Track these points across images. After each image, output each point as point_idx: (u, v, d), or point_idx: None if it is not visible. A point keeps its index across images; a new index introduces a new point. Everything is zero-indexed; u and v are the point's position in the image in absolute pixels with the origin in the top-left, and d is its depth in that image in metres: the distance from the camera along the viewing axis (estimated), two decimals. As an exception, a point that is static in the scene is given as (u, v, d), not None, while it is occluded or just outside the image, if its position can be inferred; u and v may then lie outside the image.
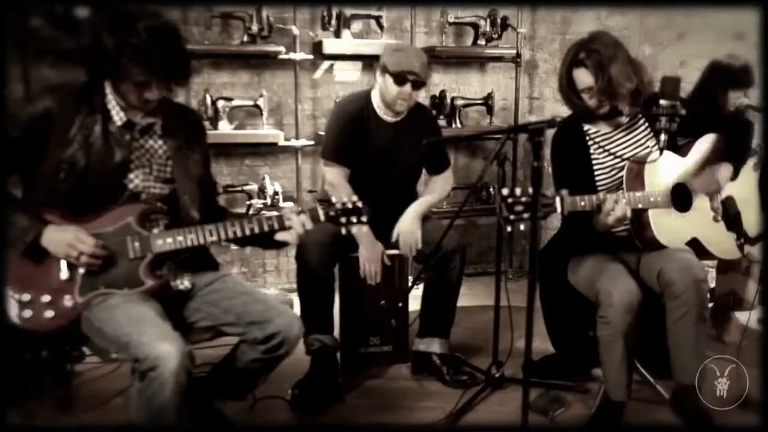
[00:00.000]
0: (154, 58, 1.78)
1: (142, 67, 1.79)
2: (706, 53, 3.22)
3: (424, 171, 3.05)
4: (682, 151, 2.37)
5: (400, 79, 2.64)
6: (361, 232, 2.63)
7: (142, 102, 1.88)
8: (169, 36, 1.83)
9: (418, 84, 2.68)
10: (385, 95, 2.72)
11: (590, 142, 2.38)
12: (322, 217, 2.01)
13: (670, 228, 2.28)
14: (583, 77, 2.28)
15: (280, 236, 2.00)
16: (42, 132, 1.85)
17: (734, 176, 2.40)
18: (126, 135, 1.93)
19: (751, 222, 2.45)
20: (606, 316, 2.22)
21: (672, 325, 2.25)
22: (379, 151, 2.78)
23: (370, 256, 2.69)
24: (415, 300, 2.88)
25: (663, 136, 2.15)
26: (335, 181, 2.75)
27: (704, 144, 2.39)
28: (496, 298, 2.58)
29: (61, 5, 3.26)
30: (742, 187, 2.46)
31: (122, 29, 1.77)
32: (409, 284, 2.92)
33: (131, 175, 1.94)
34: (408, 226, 2.75)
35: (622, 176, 2.32)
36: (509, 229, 1.92)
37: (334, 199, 2.04)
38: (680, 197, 2.31)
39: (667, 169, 2.31)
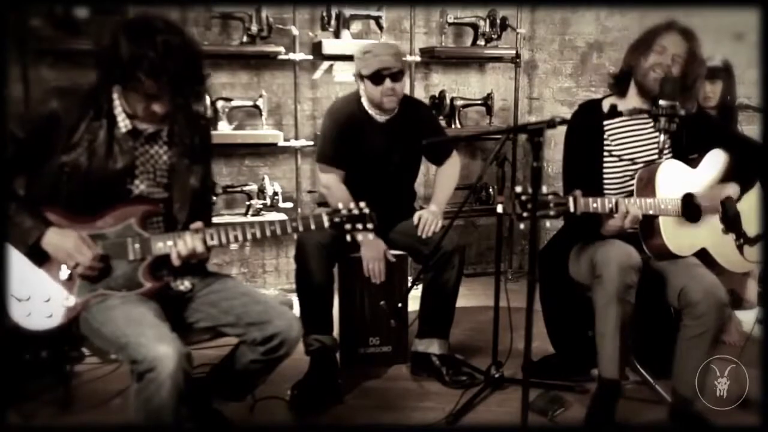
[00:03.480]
0: (167, 74, 1.77)
1: (154, 80, 1.77)
2: (705, 53, 3.21)
3: (420, 171, 3.05)
4: (692, 163, 2.37)
5: (376, 78, 2.67)
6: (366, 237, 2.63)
7: (149, 114, 1.87)
8: (187, 55, 1.81)
9: (396, 75, 2.69)
10: (370, 98, 2.74)
11: (607, 130, 2.38)
12: (326, 224, 1.99)
13: (680, 236, 2.27)
14: (677, 43, 2.29)
15: None
16: (48, 134, 1.85)
17: (739, 197, 2.39)
18: (130, 142, 1.92)
19: (749, 219, 2.45)
20: (601, 275, 2.19)
21: (684, 342, 2.24)
22: (374, 151, 2.78)
23: (373, 254, 2.69)
24: (414, 300, 2.88)
25: (662, 137, 2.15)
26: (330, 183, 2.76)
27: (715, 159, 2.38)
28: (496, 298, 2.57)
29: (61, 5, 3.26)
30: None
31: (142, 39, 1.75)
32: (409, 285, 2.92)
33: (136, 181, 1.94)
34: (434, 210, 2.81)
35: (628, 170, 2.32)
36: (522, 226, 1.92)
37: (340, 205, 2.01)
38: (689, 208, 2.30)
39: (677, 178, 2.30)
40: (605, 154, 2.38)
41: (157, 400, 1.69)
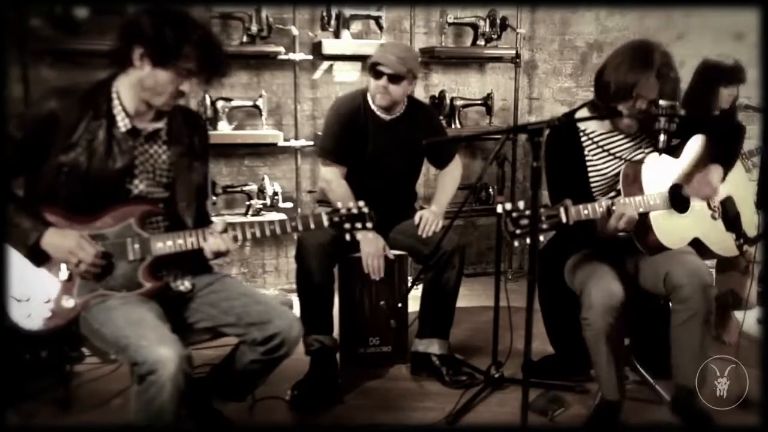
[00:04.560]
0: (211, 50, 1.87)
1: (201, 55, 1.84)
2: (705, 54, 3.22)
3: (422, 172, 3.05)
4: (675, 153, 2.38)
5: (375, 71, 2.69)
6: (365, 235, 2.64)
7: (175, 96, 1.89)
8: (215, 36, 1.96)
9: (394, 78, 2.68)
10: (370, 91, 2.76)
11: (587, 142, 2.38)
12: (326, 223, 2.00)
13: (672, 230, 2.28)
14: (652, 88, 2.20)
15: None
16: (47, 134, 1.84)
17: (722, 177, 2.39)
18: (129, 141, 1.93)
19: (748, 219, 2.46)
20: (587, 318, 2.23)
21: (676, 328, 2.24)
22: (376, 149, 2.78)
23: (372, 250, 2.69)
24: (414, 300, 2.88)
25: (662, 137, 2.14)
26: (331, 178, 2.77)
27: (694, 145, 2.39)
28: (496, 298, 2.58)
29: (61, 5, 3.26)
30: (737, 185, 2.47)
31: (185, 23, 1.83)
32: (409, 285, 2.92)
33: (136, 181, 1.94)
34: (435, 210, 2.82)
35: (615, 178, 2.32)
36: (516, 244, 1.92)
37: (339, 205, 2.03)
38: (677, 198, 2.31)
39: (662, 171, 2.31)
40: (596, 150, 2.38)
41: (158, 403, 1.69)
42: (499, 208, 2.46)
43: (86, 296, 1.86)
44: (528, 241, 1.89)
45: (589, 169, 2.36)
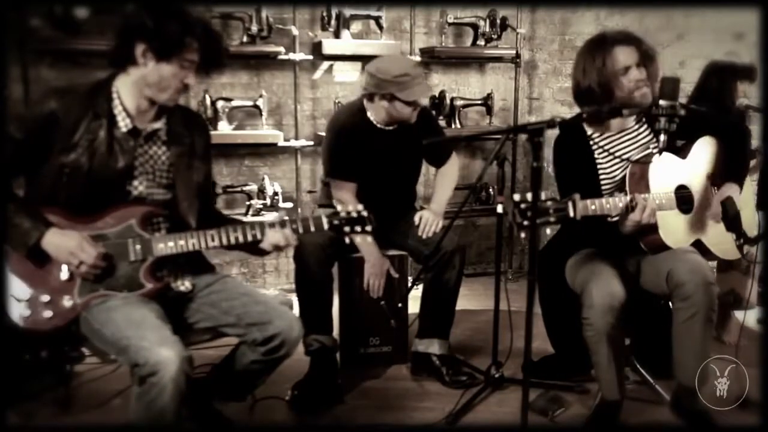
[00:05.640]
0: (212, 40, 1.91)
1: (203, 45, 1.87)
2: (705, 53, 3.23)
3: (422, 172, 3.05)
4: (681, 153, 2.38)
5: (413, 103, 2.64)
6: (367, 244, 2.61)
7: (179, 90, 1.90)
8: (214, 27, 1.99)
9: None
10: (395, 115, 2.67)
11: (593, 145, 2.37)
12: (325, 226, 2.00)
13: (675, 230, 2.28)
14: (627, 54, 2.26)
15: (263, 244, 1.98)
16: (47, 134, 1.84)
17: (741, 186, 2.39)
18: (130, 141, 1.93)
19: (748, 219, 2.46)
20: (588, 317, 2.23)
21: (679, 326, 2.24)
22: (379, 159, 2.76)
23: (375, 271, 2.71)
24: (414, 300, 2.88)
25: (662, 137, 2.14)
26: (347, 199, 2.70)
27: (705, 147, 2.39)
28: (496, 298, 2.57)
29: (61, 5, 3.26)
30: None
31: (184, 15, 1.84)
32: (409, 285, 2.92)
33: (135, 182, 1.94)
34: (434, 210, 2.83)
35: (623, 180, 2.32)
36: (523, 235, 1.92)
37: (339, 208, 2.03)
38: (681, 199, 2.31)
39: (669, 171, 2.31)
40: (604, 154, 2.38)
41: (159, 404, 1.69)
42: (500, 208, 2.48)
43: (87, 296, 1.86)
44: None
45: (600, 172, 2.36)
